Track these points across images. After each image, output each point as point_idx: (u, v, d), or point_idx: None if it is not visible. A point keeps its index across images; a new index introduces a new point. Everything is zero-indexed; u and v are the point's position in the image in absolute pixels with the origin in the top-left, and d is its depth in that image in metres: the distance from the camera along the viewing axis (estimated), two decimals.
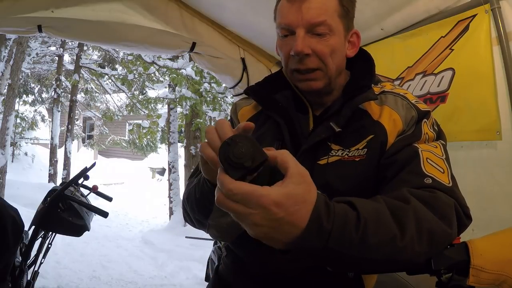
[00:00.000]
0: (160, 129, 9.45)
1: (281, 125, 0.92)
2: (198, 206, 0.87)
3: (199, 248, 5.03)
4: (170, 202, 7.51)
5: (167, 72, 7.32)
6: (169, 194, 7.58)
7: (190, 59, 6.19)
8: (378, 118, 0.87)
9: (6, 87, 7.33)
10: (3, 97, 7.41)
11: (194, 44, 2.43)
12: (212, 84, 7.01)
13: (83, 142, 16.15)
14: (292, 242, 0.57)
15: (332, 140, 0.87)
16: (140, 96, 10.96)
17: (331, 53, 0.87)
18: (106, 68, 11.24)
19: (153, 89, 9.66)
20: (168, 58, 7.18)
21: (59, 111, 10.51)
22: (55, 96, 10.31)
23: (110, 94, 12.83)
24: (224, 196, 0.54)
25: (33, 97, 12.94)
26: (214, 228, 0.89)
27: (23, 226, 1.87)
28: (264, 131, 0.97)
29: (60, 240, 3.36)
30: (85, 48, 11.08)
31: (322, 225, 0.57)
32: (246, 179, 0.55)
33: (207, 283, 1.17)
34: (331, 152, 0.87)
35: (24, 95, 12.43)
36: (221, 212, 0.82)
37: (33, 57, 10.84)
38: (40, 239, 2.16)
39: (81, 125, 16.75)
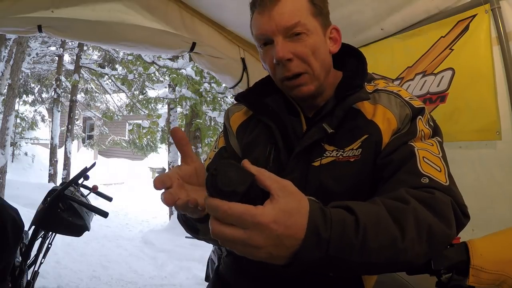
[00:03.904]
0: (160, 129, 9.44)
1: (273, 129, 0.92)
2: (187, 227, 0.89)
3: (199, 248, 5.03)
4: None
5: (167, 72, 7.32)
6: None
7: (190, 59, 6.19)
8: (372, 118, 0.87)
9: (6, 87, 7.34)
10: (3, 97, 7.42)
11: (194, 44, 2.43)
12: (212, 84, 7.01)
13: (83, 142, 16.13)
14: (293, 256, 0.57)
15: (326, 141, 0.87)
16: (140, 96, 10.96)
17: (313, 52, 0.87)
18: (106, 68, 11.24)
19: (153, 89, 9.66)
20: (168, 58, 7.18)
21: (59, 111, 10.51)
22: (55, 96, 10.31)
23: (110, 94, 12.83)
24: (220, 224, 0.53)
25: (33, 97, 12.93)
26: (207, 241, 0.91)
27: (23, 226, 1.87)
28: (256, 135, 0.97)
29: (60, 240, 3.35)
30: (85, 48, 11.09)
31: (320, 234, 0.57)
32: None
33: (207, 283, 1.17)
34: (325, 153, 0.86)
35: (24, 95, 12.43)
36: (207, 230, 0.83)
37: (33, 57, 10.85)
38: (40, 239, 2.16)
39: (81, 125, 16.74)
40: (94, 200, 2.60)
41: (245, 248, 0.54)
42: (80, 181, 2.28)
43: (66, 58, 11.34)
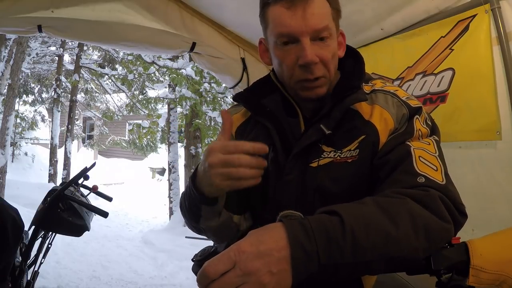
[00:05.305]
0: (160, 129, 9.45)
1: (270, 130, 0.92)
2: (189, 214, 0.90)
3: (199, 248, 4.95)
4: (170, 202, 7.51)
5: (167, 72, 7.32)
6: (169, 194, 7.58)
7: (190, 59, 6.20)
8: (369, 118, 0.87)
9: (6, 87, 7.34)
10: (3, 97, 7.42)
11: (194, 44, 2.43)
12: (212, 84, 7.01)
13: (83, 142, 16.14)
14: (291, 277, 0.58)
15: (324, 142, 0.87)
16: (140, 96, 10.97)
17: (332, 57, 0.87)
18: (106, 68, 11.25)
19: (153, 89, 9.67)
20: (168, 58, 7.19)
21: (59, 111, 10.51)
22: (55, 96, 10.31)
23: (110, 94, 12.83)
24: (216, 283, 0.56)
25: (33, 97, 12.94)
26: (207, 231, 0.92)
27: (23, 226, 1.87)
28: (254, 136, 0.97)
29: (60, 240, 3.35)
30: (85, 48, 11.09)
31: (305, 247, 0.58)
32: None
33: None
34: (323, 154, 0.87)
35: (24, 95, 12.43)
36: (209, 215, 0.86)
37: (33, 57, 10.85)
38: (40, 239, 2.16)
39: (81, 125, 16.75)
40: (94, 200, 2.60)
41: (248, 281, 0.56)
42: (80, 181, 2.28)
43: (66, 58, 11.34)
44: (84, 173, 2.23)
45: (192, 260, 1.01)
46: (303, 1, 0.81)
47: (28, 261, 2.06)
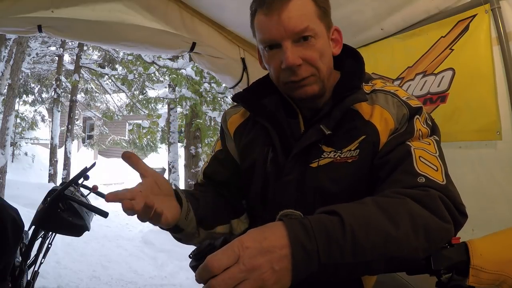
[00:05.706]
0: (160, 129, 9.45)
1: (270, 130, 0.92)
2: (174, 238, 0.96)
3: None
4: None
5: (167, 72, 7.32)
6: None
7: (190, 59, 6.20)
8: (370, 118, 0.87)
9: (6, 87, 7.34)
10: (3, 97, 7.42)
11: (194, 44, 2.43)
12: (212, 84, 7.01)
13: (83, 142, 16.15)
14: (291, 276, 0.58)
15: (324, 142, 0.87)
16: (140, 96, 10.98)
17: (320, 56, 0.86)
18: (106, 68, 11.25)
19: (153, 89, 9.68)
20: (168, 58, 7.19)
21: (59, 111, 10.52)
22: (55, 96, 10.32)
23: (110, 94, 12.84)
24: (219, 277, 0.55)
25: (33, 97, 12.94)
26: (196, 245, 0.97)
27: (23, 226, 1.87)
28: (253, 137, 0.97)
29: (60, 240, 3.35)
30: (85, 48, 11.09)
31: (305, 247, 0.58)
32: None
33: None
34: (323, 154, 0.87)
35: (24, 95, 12.44)
36: (186, 238, 0.92)
37: (33, 57, 10.86)
38: (40, 239, 2.16)
39: (81, 125, 16.75)
40: (94, 200, 2.59)
41: (250, 277, 0.55)
42: (80, 181, 2.27)
43: (66, 58, 11.35)
44: (84, 173, 2.23)
45: (189, 256, 1.01)
46: (279, 6, 0.82)
47: (28, 261, 2.06)
